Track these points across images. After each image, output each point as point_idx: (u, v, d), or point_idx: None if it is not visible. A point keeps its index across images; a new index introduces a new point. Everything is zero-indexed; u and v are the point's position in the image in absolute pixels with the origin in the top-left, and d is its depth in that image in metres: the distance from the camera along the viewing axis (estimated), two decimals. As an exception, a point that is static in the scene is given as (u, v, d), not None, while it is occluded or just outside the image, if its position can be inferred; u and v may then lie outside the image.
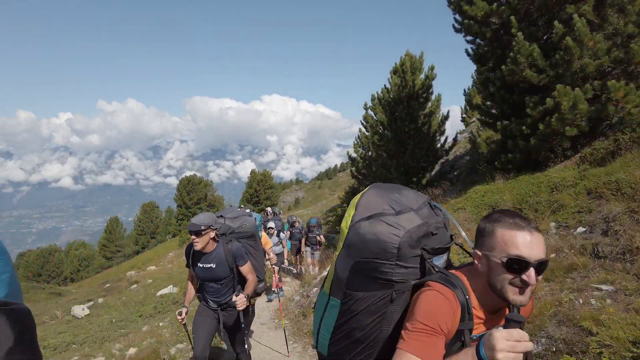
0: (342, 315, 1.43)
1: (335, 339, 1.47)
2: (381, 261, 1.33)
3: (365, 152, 15.78)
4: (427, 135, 12.87)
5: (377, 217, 1.37)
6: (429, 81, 13.08)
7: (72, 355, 8.37)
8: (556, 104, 6.54)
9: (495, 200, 6.87)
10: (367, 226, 1.37)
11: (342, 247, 1.47)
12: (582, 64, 6.40)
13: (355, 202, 1.49)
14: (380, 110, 14.25)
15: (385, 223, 1.34)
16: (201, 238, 3.24)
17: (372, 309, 1.35)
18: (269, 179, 40.45)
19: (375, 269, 1.34)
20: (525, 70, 7.03)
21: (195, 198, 40.56)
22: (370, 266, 1.35)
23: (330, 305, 1.51)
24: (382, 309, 1.35)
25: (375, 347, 1.37)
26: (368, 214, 1.39)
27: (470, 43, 8.81)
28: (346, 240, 1.44)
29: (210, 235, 3.28)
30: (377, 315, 1.35)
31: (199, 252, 3.35)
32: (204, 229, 3.21)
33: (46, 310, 17.10)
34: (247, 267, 3.47)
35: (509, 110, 8.03)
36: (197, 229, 3.20)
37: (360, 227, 1.39)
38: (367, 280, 1.37)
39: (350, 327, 1.40)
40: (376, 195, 1.48)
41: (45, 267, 39.67)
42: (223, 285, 3.46)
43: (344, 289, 1.43)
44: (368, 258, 1.35)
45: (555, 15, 7.04)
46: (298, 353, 5.43)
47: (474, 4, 7.74)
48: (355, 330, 1.39)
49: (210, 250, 3.36)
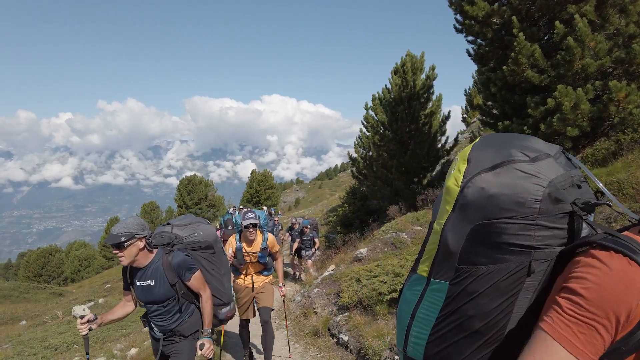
0: (452, 301, 1.09)
1: (438, 335, 1.11)
2: (515, 221, 1.02)
3: (365, 153, 15.80)
4: (428, 136, 12.87)
5: (507, 165, 1.06)
6: (429, 81, 13.08)
7: (73, 355, 8.37)
8: (557, 104, 6.54)
9: (496, 201, 6.86)
10: (493, 177, 1.06)
11: (453, 211, 1.13)
12: (583, 64, 6.40)
13: (466, 154, 1.16)
14: (381, 110, 14.26)
15: (520, 171, 1.04)
16: (126, 251, 2.57)
17: (501, 286, 1.02)
18: (270, 179, 40.51)
19: (506, 232, 1.03)
20: (527, 71, 7.03)
21: (196, 198, 40.67)
22: (499, 229, 1.04)
23: (430, 290, 1.16)
24: (515, 286, 1.02)
25: (498, 341, 1.02)
26: (491, 163, 1.08)
27: (471, 43, 8.81)
28: (459, 201, 1.11)
29: (138, 246, 2.62)
30: (507, 296, 1.02)
31: (135, 267, 2.74)
32: (126, 240, 2.54)
33: (47, 310, 17.11)
34: (197, 279, 2.80)
35: (510, 111, 8.03)
36: (116, 240, 2.53)
37: (481, 180, 1.07)
38: (492, 249, 1.05)
39: (465, 315, 1.06)
40: (496, 143, 1.15)
41: (45, 267, 39.71)
42: (167, 308, 2.79)
43: (456, 265, 1.10)
44: (495, 218, 1.04)
45: (556, 16, 7.04)
46: (299, 354, 5.43)
47: (475, 4, 7.74)
48: (472, 319, 1.04)
49: (145, 264, 2.72)
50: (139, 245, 2.63)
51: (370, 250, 7.55)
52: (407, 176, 12.95)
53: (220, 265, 3.19)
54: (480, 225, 1.06)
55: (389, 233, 7.92)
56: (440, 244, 1.16)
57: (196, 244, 3.00)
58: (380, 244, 7.61)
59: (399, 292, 1.32)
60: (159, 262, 2.72)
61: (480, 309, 1.03)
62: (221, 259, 3.22)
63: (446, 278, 1.11)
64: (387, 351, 4.27)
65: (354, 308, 5.63)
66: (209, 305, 2.82)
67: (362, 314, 5.43)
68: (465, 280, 1.07)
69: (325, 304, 6.56)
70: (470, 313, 1.05)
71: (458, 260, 1.09)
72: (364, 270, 6.11)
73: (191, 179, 41.69)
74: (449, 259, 1.12)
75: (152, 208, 46.33)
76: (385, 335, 4.57)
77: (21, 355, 8.85)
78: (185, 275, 2.74)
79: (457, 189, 1.12)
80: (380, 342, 4.47)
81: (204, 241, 3.03)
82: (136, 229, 2.60)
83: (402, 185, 12.74)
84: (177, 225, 3.04)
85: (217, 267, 3.15)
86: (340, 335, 5.37)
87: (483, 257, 1.05)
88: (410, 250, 6.46)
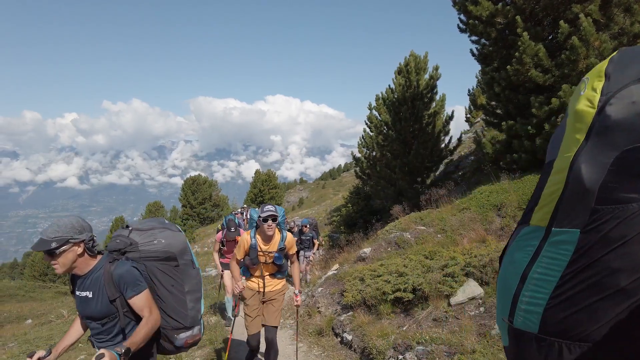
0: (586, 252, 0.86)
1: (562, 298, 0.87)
2: None
3: (369, 153, 15.79)
4: (431, 135, 12.86)
5: None
6: (433, 81, 13.07)
7: (79, 354, 8.44)
8: (562, 103, 6.53)
9: (500, 200, 6.85)
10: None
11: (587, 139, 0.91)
12: (588, 64, 6.38)
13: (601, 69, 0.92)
14: (385, 110, 14.26)
15: None
16: (60, 259, 2.13)
17: None
18: (273, 179, 40.62)
19: None
20: (531, 70, 7.02)
21: (200, 198, 40.86)
22: None
23: (551, 243, 0.92)
24: None
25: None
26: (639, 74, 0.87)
27: (475, 43, 8.81)
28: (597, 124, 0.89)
29: (75, 252, 2.16)
30: None
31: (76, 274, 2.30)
32: (58, 246, 2.08)
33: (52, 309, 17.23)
34: (141, 299, 2.22)
35: (514, 110, 8.02)
36: (45, 247, 2.07)
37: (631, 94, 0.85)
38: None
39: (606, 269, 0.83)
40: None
41: (51, 266, 39.85)
42: (106, 327, 2.29)
43: (592, 206, 0.87)
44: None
45: (560, 15, 7.02)
46: (303, 353, 5.45)
47: (479, 4, 7.74)
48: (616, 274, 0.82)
49: (86, 271, 2.26)
50: (76, 251, 2.16)
51: (373, 250, 7.56)
52: (411, 176, 12.94)
53: (185, 282, 2.57)
54: (630, 151, 0.83)
55: (392, 233, 7.93)
56: (569, 182, 0.91)
57: (153, 254, 2.44)
58: (384, 243, 7.62)
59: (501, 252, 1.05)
60: (101, 271, 2.24)
61: (628, 260, 0.80)
62: (188, 274, 2.60)
63: (576, 225, 0.88)
64: (390, 350, 4.28)
65: (358, 307, 5.65)
66: (146, 328, 2.15)
67: (366, 313, 5.45)
68: (607, 225, 0.84)
69: (329, 303, 6.58)
70: (614, 266, 0.82)
71: (596, 200, 0.86)
72: (368, 270, 6.12)
73: (195, 179, 41.93)
74: (582, 199, 0.88)
75: (157, 208, 46.49)
76: (389, 334, 4.59)
77: (27, 354, 8.93)
78: (127, 292, 2.20)
79: (593, 110, 0.89)
80: (384, 341, 4.48)
81: (164, 251, 2.47)
82: (71, 232, 2.13)
83: (406, 185, 12.73)
84: (137, 229, 2.51)
85: (180, 283, 2.54)
86: (344, 334, 5.39)
87: (633, 192, 0.82)
88: (414, 250, 6.46)
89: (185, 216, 40.31)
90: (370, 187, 15.72)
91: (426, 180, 13.18)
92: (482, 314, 4.34)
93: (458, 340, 3.93)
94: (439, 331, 4.29)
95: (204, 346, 5.86)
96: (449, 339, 4.01)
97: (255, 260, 3.95)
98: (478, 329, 4.07)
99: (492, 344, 3.71)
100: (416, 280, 5.05)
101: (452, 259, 5.28)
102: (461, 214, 7.22)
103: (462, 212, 7.29)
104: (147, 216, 45.39)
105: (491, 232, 6.28)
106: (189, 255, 2.64)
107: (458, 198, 8.55)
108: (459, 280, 4.82)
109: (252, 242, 3.92)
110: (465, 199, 7.92)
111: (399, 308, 5.22)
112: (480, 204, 7.19)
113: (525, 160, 7.56)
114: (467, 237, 6.30)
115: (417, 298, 5.04)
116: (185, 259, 2.61)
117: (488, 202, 7.10)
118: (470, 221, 6.78)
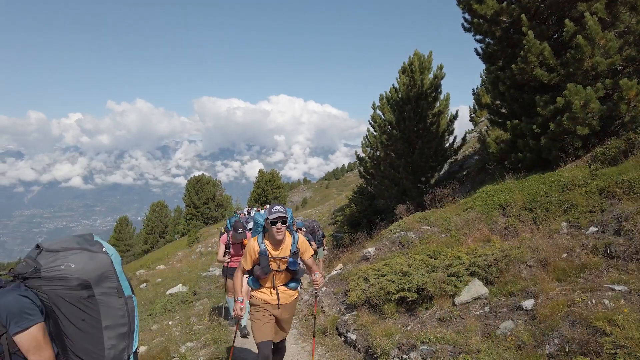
0: None
1: None
2: None
3: (373, 152, 15.76)
4: (435, 135, 12.82)
5: None
6: (437, 80, 13.03)
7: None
8: (567, 102, 6.49)
9: (505, 200, 6.82)
10: None
11: None
12: (593, 63, 6.34)
13: None
14: (389, 110, 14.22)
15: None
16: None
17: None
18: (277, 178, 40.67)
19: None
20: (536, 69, 6.99)
21: (204, 198, 40.98)
22: None
23: None
24: None
25: None
26: None
27: (480, 42, 8.77)
28: None
29: None
30: None
31: None
32: None
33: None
34: (29, 339, 1.76)
35: (519, 110, 7.98)
36: None
37: None
38: None
39: None
40: None
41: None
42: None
43: None
44: None
45: (566, 14, 6.98)
46: (307, 352, 5.45)
47: (484, 3, 7.71)
48: None
49: None
50: None
51: (377, 249, 7.54)
52: (415, 175, 12.91)
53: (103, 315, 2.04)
54: None
55: (396, 232, 7.91)
56: None
57: (57, 282, 1.90)
58: (387, 243, 7.61)
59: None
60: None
61: None
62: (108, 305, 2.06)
63: None
64: (395, 350, 4.27)
65: (362, 307, 5.64)
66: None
67: (370, 312, 5.44)
68: None
69: (333, 302, 6.57)
70: None
71: None
72: (372, 269, 6.11)
73: (199, 179, 42.05)
74: None
75: (161, 207, 46.70)
76: (394, 334, 4.58)
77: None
78: (10, 328, 1.74)
79: None
80: (388, 340, 4.47)
81: (74, 278, 1.93)
82: None
83: (410, 184, 12.71)
84: (48, 249, 1.97)
85: (94, 317, 2.01)
86: (348, 334, 5.38)
87: None
88: (418, 250, 6.45)
89: (189, 216, 40.46)
90: (374, 187, 15.69)
91: (430, 180, 13.14)
92: (486, 313, 4.32)
93: (463, 340, 3.91)
94: (444, 331, 4.27)
95: (207, 345, 5.87)
96: (453, 338, 4.00)
97: (266, 268, 3.52)
98: (483, 329, 4.05)
99: (497, 344, 3.69)
100: (420, 280, 5.03)
101: (456, 258, 5.26)
102: (465, 214, 7.20)
103: (466, 212, 7.26)
104: (152, 216, 45.60)
105: (496, 232, 6.25)
106: (112, 282, 2.12)
107: (462, 197, 8.52)
108: (464, 279, 4.80)
109: (262, 248, 3.51)
110: (469, 198, 7.89)
111: (403, 308, 5.21)
112: (484, 204, 7.17)
113: (530, 159, 7.52)
114: (472, 237, 6.27)
115: (421, 298, 5.02)
116: (106, 286, 2.08)
117: (492, 201, 7.07)
118: (474, 221, 6.75)
